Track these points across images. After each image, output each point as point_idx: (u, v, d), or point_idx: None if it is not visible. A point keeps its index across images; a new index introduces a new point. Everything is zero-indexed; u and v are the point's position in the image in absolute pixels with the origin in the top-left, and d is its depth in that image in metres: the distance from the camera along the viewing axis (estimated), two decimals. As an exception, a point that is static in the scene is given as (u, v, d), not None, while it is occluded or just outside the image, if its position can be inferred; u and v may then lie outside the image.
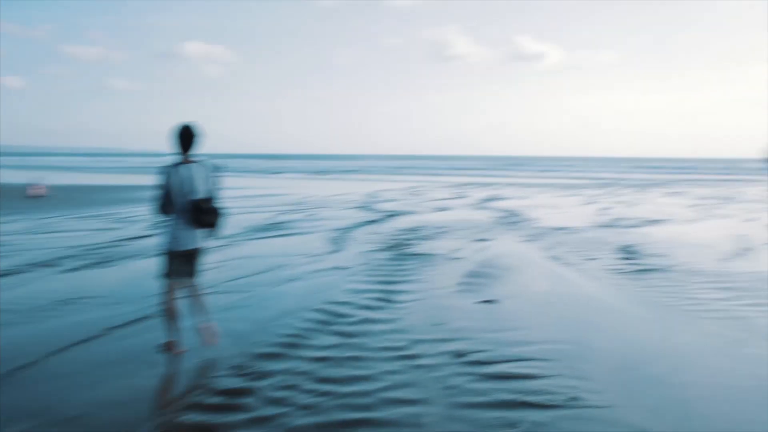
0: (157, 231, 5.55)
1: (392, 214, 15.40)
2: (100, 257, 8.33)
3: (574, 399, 3.51)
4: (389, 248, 9.36)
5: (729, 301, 6.03)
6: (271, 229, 12.05)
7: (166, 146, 4.33)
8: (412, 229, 12.05)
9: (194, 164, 4.21)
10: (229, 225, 11.90)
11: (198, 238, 4.26)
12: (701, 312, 5.64)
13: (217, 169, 4.39)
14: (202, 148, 4.31)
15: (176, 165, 4.17)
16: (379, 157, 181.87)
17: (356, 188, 30.01)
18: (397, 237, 10.80)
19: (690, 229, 12.47)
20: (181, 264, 4.25)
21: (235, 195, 23.30)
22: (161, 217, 4.26)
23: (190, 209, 4.13)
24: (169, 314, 4.25)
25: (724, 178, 41.78)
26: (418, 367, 4.07)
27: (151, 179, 4.81)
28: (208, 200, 4.21)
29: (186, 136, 4.18)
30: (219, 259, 8.23)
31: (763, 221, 13.99)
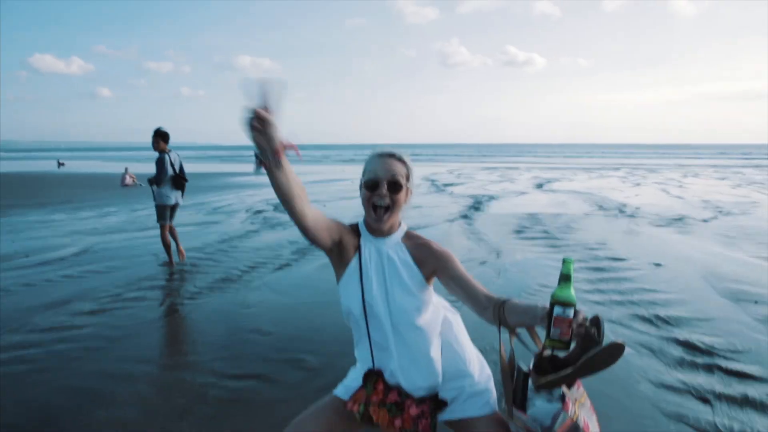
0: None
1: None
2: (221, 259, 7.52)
3: None
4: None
5: None
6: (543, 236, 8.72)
7: (232, 137, 3.63)
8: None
9: (172, 152, 6.71)
10: (500, 226, 8.85)
11: (178, 197, 6.81)
12: None
13: (179, 155, 6.83)
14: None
15: (165, 153, 6.62)
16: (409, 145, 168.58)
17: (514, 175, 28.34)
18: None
19: None
20: (169, 212, 6.76)
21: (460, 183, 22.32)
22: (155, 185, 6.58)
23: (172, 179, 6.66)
24: (165, 244, 6.73)
25: None
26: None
27: (228, 168, 4.85)
28: (182, 173, 6.76)
29: (164, 135, 6.64)
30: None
31: None
